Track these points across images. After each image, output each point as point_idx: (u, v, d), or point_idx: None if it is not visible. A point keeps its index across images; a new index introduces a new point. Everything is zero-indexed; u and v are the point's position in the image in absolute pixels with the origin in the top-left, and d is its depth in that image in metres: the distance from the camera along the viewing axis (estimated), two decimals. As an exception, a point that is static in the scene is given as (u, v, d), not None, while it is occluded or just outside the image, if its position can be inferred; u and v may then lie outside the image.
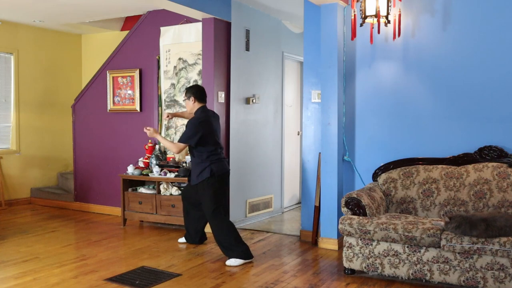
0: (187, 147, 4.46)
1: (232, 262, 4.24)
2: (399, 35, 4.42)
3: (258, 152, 6.18)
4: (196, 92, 4.50)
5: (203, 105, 4.52)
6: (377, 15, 4.12)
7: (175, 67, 5.99)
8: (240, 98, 5.83)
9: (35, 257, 4.47)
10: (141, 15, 6.55)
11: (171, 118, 4.84)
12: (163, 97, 6.09)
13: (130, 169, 5.74)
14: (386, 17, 4.21)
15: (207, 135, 4.36)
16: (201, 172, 4.36)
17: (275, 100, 6.54)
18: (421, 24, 4.54)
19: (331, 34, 4.71)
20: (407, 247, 3.66)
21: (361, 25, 4.29)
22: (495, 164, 4.10)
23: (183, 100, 4.58)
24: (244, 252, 4.29)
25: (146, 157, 5.91)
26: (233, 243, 4.28)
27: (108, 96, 6.55)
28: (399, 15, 4.39)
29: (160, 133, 6.13)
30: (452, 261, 3.50)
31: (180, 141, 4.40)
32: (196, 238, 4.89)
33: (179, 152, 4.51)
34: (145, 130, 4.56)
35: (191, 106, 4.50)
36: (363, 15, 4.23)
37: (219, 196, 4.40)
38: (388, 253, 3.73)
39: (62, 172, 7.70)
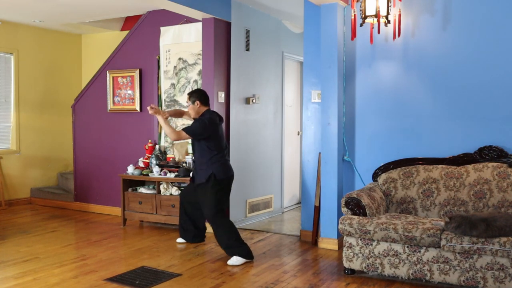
0: (192, 148, 4.52)
1: (234, 261, 4.24)
2: (399, 35, 4.42)
3: (258, 152, 6.18)
4: (201, 96, 4.50)
5: (208, 108, 4.54)
6: (377, 15, 4.12)
7: (175, 67, 5.99)
8: (240, 98, 5.83)
9: (35, 257, 4.47)
10: (141, 15, 6.55)
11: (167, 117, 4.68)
12: (163, 97, 6.09)
13: (130, 169, 5.74)
14: (386, 17, 4.21)
15: (214, 138, 4.38)
16: (205, 172, 4.37)
17: (275, 100, 6.54)
18: (421, 24, 4.54)
19: (331, 34, 4.71)
20: (407, 247, 3.65)
21: (361, 25, 4.29)
22: (495, 164, 4.10)
23: (187, 105, 4.57)
24: (245, 251, 4.31)
25: (146, 157, 5.92)
26: (235, 244, 4.31)
27: (108, 96, 6.55)
28: (399, 15, 4.39)
29: (160, 133, 6.14)
30: (452, 261, 3.50)
31: (184, 130, 4.38)
32: (195, 233, 4.87)
33: (175, 139, 4.51)
34: (148, 107, 4.47)
35: (196, 110, 4.49)
36: (363, 15, 4.23)
37: (220, 199, 4.39)
38: (388, 253, 3.73)
39: (62, 172, 7.70)
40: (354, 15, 4.35)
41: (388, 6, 4.19)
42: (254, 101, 5.98)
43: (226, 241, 4.32)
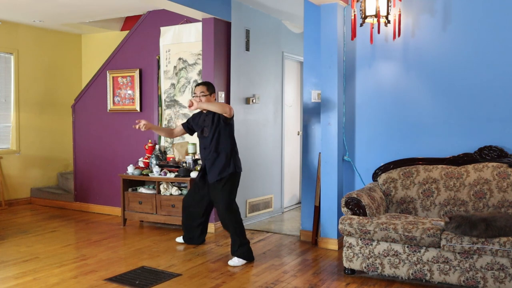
0: (207, 142, 4.42)
1: (235, 262, 4.24)
2: (399, 35, 4.42)
3: (258, 152, 6.18)
4: (214, 88, 4.56)
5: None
6: (377, 15, 4.12)
7: (175, 67, 5.99)
8: (240, 98, 5.83)
9: (35, 257, 4.47)
10: (141, 15, 6.55)
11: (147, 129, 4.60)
12: (163, 97, 6.09)
13: (130, 169, 5.74)
14: (386, 17, 4.21)
15: (233, 127, 4.45)
16: (225, 167, 4.34)
17: (275, 100, 6.54)
18: (421, 24, 4.54)
19: (331, 34, 4.71)
20: (407, 247, 3.66)
21: (361, 25, 4.29)
22: (495, 164, 4.10)
23: (203, 96, 4.41)
24: (248, 253, 4.32)
25: (146, 157, 5.92)
26: (243, 241, 4.32)
27: (108, 96, 6.55)
28: (399, 15, 4.39)
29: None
30: (452, 261, 3.50)
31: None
32: (200, 238, 4.89)
33: (225, 110, 4.26)
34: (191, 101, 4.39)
35: (211, 102, 4.47)
36: (363, 15, 4.23)
37: (235, 191, 4.46)
38: (388, 253, 3.73)
39: (62, 172, 7.70)
40: (354, 15, 4.35)
41: (388, 6, 4.19)
42: (254, 101, 5.98)
43: (236, 236, 4.31)
